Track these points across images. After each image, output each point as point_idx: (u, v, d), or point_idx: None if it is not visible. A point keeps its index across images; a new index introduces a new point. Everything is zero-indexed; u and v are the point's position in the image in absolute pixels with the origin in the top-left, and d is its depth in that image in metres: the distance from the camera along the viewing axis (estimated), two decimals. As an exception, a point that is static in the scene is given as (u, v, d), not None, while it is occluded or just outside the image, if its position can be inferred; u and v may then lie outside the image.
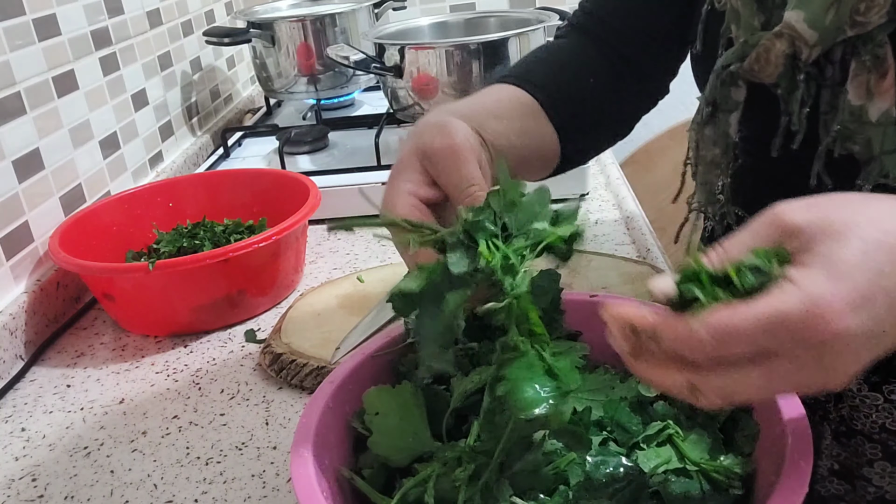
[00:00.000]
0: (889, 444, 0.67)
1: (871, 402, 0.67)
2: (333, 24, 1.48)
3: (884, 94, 0.54)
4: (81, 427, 0.79)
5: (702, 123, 0.66)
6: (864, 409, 0.67)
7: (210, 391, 0.82)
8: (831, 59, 0.57)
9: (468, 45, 1.22)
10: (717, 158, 0.66)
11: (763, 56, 0.58)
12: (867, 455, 0.68)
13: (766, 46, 0.57)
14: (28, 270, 0.98)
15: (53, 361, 0.92)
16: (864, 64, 0.54)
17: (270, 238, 0.91)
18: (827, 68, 0.57)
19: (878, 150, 0.55)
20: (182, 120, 1.48)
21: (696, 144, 0.67)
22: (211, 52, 1.64)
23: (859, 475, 0.69)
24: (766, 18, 0.59)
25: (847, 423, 0.68)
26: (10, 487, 0.72)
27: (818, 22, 0.54)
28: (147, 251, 1.05)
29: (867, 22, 0.53)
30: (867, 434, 0.68)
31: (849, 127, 0.56)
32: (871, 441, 0.68)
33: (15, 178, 0.97)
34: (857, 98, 0.55)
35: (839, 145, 0.57)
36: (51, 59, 1.06)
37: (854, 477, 0.70)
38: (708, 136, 0.66)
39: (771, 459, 0.48)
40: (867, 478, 0.69)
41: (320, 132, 1.40)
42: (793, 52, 0.57)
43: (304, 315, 0.89)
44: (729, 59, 0.61)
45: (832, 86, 0.57)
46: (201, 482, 0.70)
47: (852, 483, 0.70)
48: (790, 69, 0.58)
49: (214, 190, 1.12)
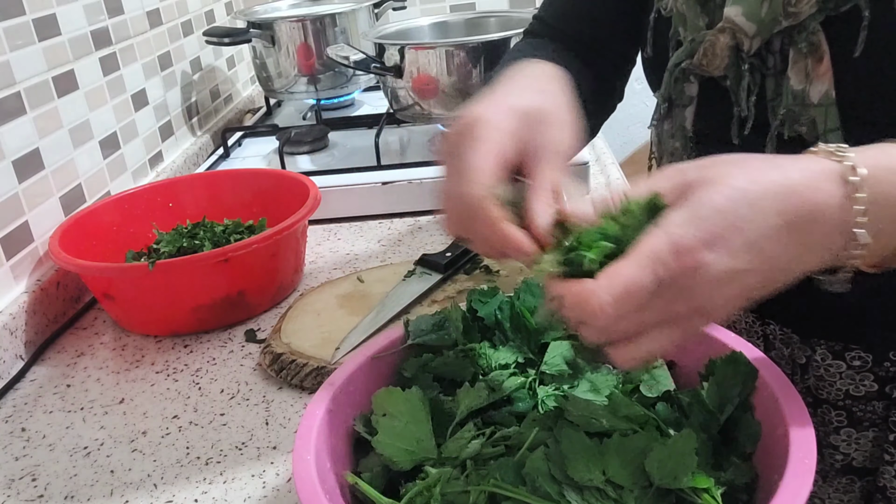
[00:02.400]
0: (853, 411, 0.70)
1: (836, 371, 0.70)
2: (333, 24, 1.48)
3: (822, 76, 0.58)
4: (81, 427, 0.79)
5: (660, 119, 0.71)
6: (829, 378, 0.70)
7: (210, 391, 0.82)
8: (771, 50, 0.61)
9: (468, 45, 1.22)
10: (677, 151, 0.70)
11: (709, 50, 0.63)
12: (833, 423, 0.71)
13: (712, 41, 0.62)
14: (28, 270, 0.98)
15: (53, 361, 0.92)
16: (801, 51, 0.59)
17: (270, 238, 0.91)
18: (768, 58, 0.62)
19: (823, 128, 0.60)
20: (182, 120, 1.48)
21: (658, 139, 0.73)
22: (211, 52, 1.64)
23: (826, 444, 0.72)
24: (710, 19, 0.64)
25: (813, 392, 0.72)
26: (10, 487, 0.72)
27: (755, 15, 0.59)
28: (147, 251, 1.05)
29: (799, 12, 0.57)
30: (832, 402, 0.71)
31: (794, 110, 0.60)
32: (837, 409, 0.71)
33: (15, 178, 0.97)
34: (799, 83, 0.60)
35: (787, 127, 0.62)
36: (51, 59, 1.06)
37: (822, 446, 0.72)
38: (667, 131, 0.71)
39: (773, 459, 0.48)
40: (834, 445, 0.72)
41: (320, 132, 1.40)
42: (735, 45, 0.62)
43: (304, 315, 0.89)
44: (680, 57, 0.66)
45: (775, 74, 0.62)
46: (201, 482, 0.69)
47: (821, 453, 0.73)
48: (735, 61, 0.63)
49: (214, 190, 1.12)
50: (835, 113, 0.59)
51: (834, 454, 0.72)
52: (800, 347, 0.72)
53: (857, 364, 0.68)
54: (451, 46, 1.22)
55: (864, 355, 0.68)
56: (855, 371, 0.69)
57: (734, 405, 0.53)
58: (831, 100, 0.58)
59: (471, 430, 0.54)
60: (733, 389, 0.53)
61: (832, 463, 0.73)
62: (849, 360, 0.69)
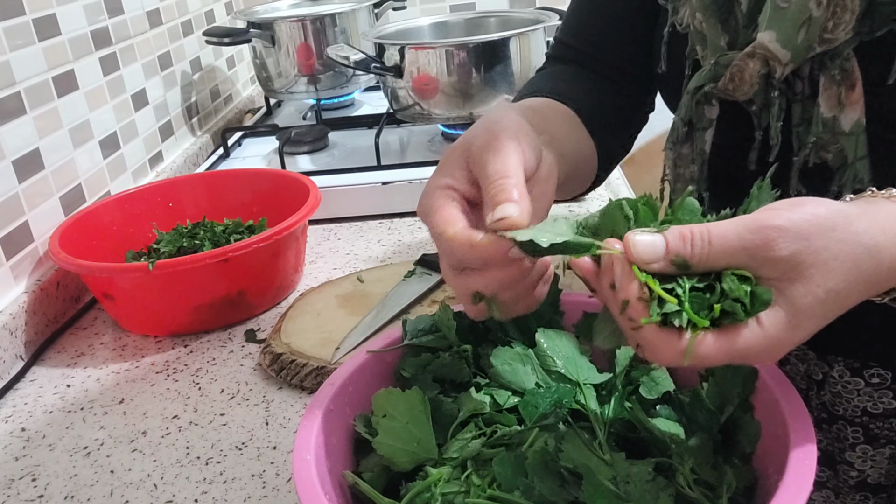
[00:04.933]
0: (870, 428, 0.69)
1: (853, 388, 0.69)
2: (333, 24, 1.48)
3: (854, 104, 0.57)
4: (81, 427, 0.79)
5: (678, 142, 0.68)
6: (846, 395, 0.69)
7: (210, 391, 0.82)
8: (800, 75, 0.59)
9: (468, 45, 1.22)
10: (694, 175, 0.68)
11: (737, 76, 0.60)
12: (849, 439, 0.70)
13: (740, 66, 0.60)
14: (28, 270, 0.98)
15: (53, 361, 0.92)
16: (834, 78, 0.57)
17: (270, 238, 0.91)
18: (796, 83, 0.60)
19: (852, 157, 0.58)
20: (182, 120, 1.48)
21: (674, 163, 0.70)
22: (211, 52, 1.64)
23: (841, 460, 0.71)
24: (731, 38, 0.61)
25: (829, 409, 0.70)
26: (10, 487, 0.72)
27: (790, 41, 0.57)
28: (147, 251, 1.05)
29: (835, 38, 0.55)
30: (849, 419, 0.70)
31: (823, 137, 0.59)
32: (853, 425, 0.70)
33: (15, 178, 0.96)
34: (829, 110, 0.58)
35: (814, 155, 0.60)
36: (51, 59, 1.06)
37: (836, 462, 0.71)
38: (685, 154, 0.68)
39: (773, 459, 0.48)
40: (849, 462, 0.71)
41: (320, 132, 1.40)
42: (766, 71, 0.59)
43: (304, 315, 0.89)
44: (702, 79, 0.63)
45: (802, 100, 0.60)
46: (201, 482, 0.69)
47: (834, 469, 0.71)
48: (764, 87, 0.60)
49: (214, 190, 1.12)
50: (864, 141, 0.57)
51: (849, 471, 0.71)
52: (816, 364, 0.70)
53: (875, 381, 0.67)
54: (451, 46, 1.22)
55: (883, 373, 0.67)
56: (874, 388, 0.68)
57: (734, 405, 0.53)
58: (861, 128, 0.57)
59: (471, 431, 0.54)
60: (733, 389, 0.53)
61: (846, 479, 0.71)
62: (867, 378, 0.67)
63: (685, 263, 0.43)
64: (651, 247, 0.43)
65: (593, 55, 0.78)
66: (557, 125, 0.63)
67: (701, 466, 0.49)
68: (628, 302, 0.42)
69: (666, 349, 0.42)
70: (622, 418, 0.54)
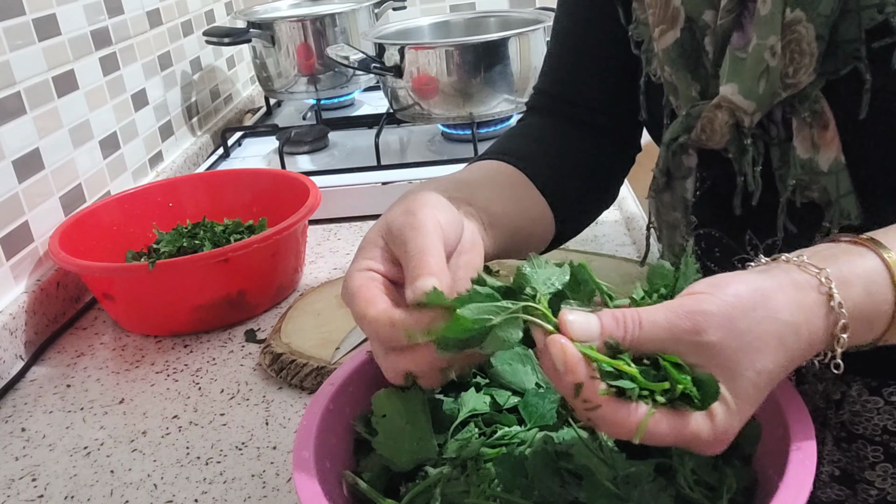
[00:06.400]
0: (891, 446, 0.68)
1: (872, 406, 0.67)
2: (333, 24, 1.48)
3: (829, 144, 0.56)
4: (81, 427, 0.79)
5: (659, 191, 0.68)
6: (866, 414, 0.68)
7: (210, 391, 0.82)
8: (773, 120, 0.59)
9: (468, 45, 1.22)
10: (677, 221, 0.68)
11: (707, 126, 0.60)
12: (869, 458, 0.69)
13: (709, 118, 0.60)
14: (28, 270, 0.98)
15: (53, 361, 0.92)
16: (805, 120, 0.57)
17: (270, 238, 0.91)
18: (771, 128, 0.59)
19: (836, 195, 0.58)
20: (182, 120, 1.48)
21: (657, 210, 0.70)
22: (211, 52, 1.64)
23: (860, 479, 0.70)
24: (702, 87, 0.61)
25: (847, 428, 0.69)
26: (10, 487, 0.72)
27: (752, 92, 0.57)
28: (147, 251, 1.05)
29: (798, 82, 0.55)
30: (868, 437, 0.68)
31: (803, 178, 0.58)
32: (873, 444, 0.68)
33: (15, 178, 0.97)
34: (805, 152, 0.57)
35: (799, 195, 0.60)
36: (51, 59, 1.06)
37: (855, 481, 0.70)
38: (667, 202, 0.69)
39: (773, 460, 0.48)
40: (869, 481, 0.69)
41: (320, 132, 1.40)
42: (735, 121, 0.59)
43: (304, 315, 0.89)
44: (676, 131, 0.63)
45: (780, 143, 0.59)
46: (201, 482, 0.69)
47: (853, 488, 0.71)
48: (736, 135, 0.60)
49: (214, 190, 1.12)
50: (846, 178, 0.57)
51: (868, 489, 0.70)
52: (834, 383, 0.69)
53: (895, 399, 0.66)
54: (451, 46, 1.22)
55: None
56: (893, 407, 0.67)
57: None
58: (841, 166, 0.57)
59: (471, 431, 0.54)
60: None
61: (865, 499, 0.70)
62: (886, 396, 0.66)
63: (616, 346, 0.42)
64: (586, 326, 0.42)
65: (574, 102, 0.77)
66: (487, 194, 0.62)
67: (701, 467, 0.49)
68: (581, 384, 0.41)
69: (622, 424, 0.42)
70: None
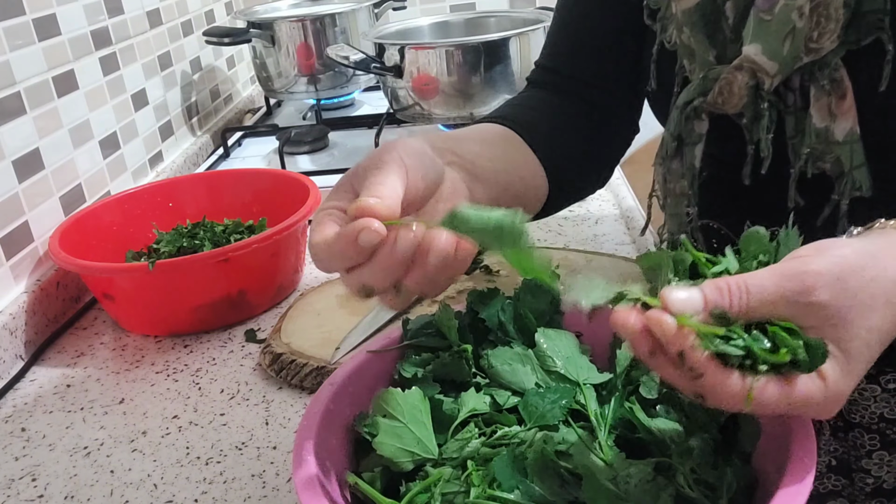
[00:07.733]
0: (887, 434, 0.68)
1: (870, 394, 0.68)
2: (333, 24, 1.48)
3: (845, 114, 0.57)
4: (81, 427, 0.79)
5: (668, 158, 0.68)
6: (863, 402, 0.69)
7: (210, 391, 0.82)
8: (791, 87, 0.59)
9: (468, 45, 1.22)
10: (685, 190, 0.68)
11: (726, 89, 0.60)
12: (866, 446, 0.69)
13: (728, 80, 0.60)
14: (28, 270, 0.98)
15: (53, 361, 0.92)
16: (823, 88, 0.57)
17: (270, 238, 0.91)
18: (787, 95, 0.60)
19: (849, 165, 0.58)
20: (182, 120, 1.48)
21: (664, 178, 0.70)
22: (211, 52, 1.64)
23: (857, 468, 0.70)
24: (719, 52, 0.62)
25: (845, 416, 0.70)
26: (10, 487, 0.72)
27: (776, 53, 0.57)
28: (147, 251, 1.05)
29: (821, 48, 0.55)
30: (865, 426, 0.69)
31: (817, 148, 0.59)
32: (870, 432, 0.69)
33: (15, 178, 0.97)
34: (822, 121, 0.58)
35: (811, 165, 0.60)
36: (51, 59, 1.06)
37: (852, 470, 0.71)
38: (675, 170, 0.68)
39: (773, 457, 0.48)
40: (866, 469, 0.70)
41: (320, 132, 1.40)
42: (755, 83, 0.59)
43: (304, 315, 0.89)
44: (691, 94, 0.63)
45: (795, 111, 0.60)
46: (201, 482, 0.69)
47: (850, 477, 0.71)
48: (753, 99, 0.60)
49: (214, 190, 1.12)
50: (860, 149, 0.57)
51: (865, 478, 0.70)
52: None
53: (892, 387, 0.67)
54: (451, 46, 1.22)
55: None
56: (890, 394, 0.67)
57: (734, 405, 0.53)
58: (856, 136, 0.57)
59: (471, 431, 0.54)
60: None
61: (862, 487, 0.70)
62: (883, 384, 0.67)
63: (724, 316, 0.42)
64: (689, 301, 0.41)
65: (573, 77, 0.77)
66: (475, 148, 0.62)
67: (701, 466, 0.49)
68: (684, 353, 0.41)
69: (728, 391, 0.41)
70: (622, 418, 0.54)
